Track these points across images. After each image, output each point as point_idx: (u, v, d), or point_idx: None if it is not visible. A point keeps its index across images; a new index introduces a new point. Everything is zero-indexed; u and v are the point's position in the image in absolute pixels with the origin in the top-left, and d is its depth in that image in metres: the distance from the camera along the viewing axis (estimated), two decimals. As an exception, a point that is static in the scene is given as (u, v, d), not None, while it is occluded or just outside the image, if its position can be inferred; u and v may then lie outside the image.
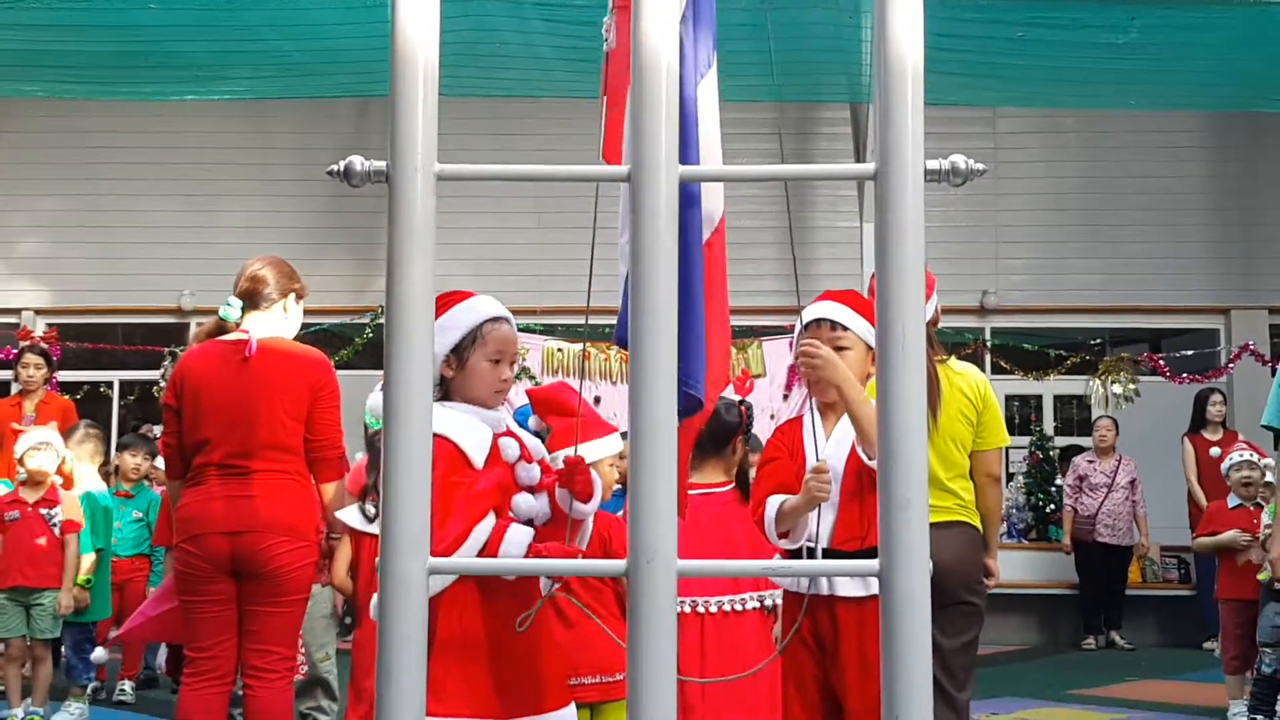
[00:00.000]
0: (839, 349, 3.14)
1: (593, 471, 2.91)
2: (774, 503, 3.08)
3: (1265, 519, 5.94)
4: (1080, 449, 10.57)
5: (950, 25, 8.81)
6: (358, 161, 1.45)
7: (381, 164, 1.43)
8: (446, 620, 2.81)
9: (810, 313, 3.21)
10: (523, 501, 2.87)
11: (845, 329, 3.17)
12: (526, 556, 2.79)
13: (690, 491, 3.94)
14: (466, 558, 2.70)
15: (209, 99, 11.57)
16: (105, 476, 7.14)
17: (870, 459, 2.94)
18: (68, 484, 6.18)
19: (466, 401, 3.00)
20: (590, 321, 10.63)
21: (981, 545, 3.91)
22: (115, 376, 11.89)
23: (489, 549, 2.77)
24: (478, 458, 2.89)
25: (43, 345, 7.94)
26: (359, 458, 4.63)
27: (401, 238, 1.41)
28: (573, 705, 3.04)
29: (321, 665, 5.57)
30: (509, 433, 3.05)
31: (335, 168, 1.45)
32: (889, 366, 1.36)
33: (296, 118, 11.64)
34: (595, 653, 3.63)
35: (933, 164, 1.41)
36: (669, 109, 1.41)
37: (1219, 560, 6.43)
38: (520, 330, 12.08)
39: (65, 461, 6.02)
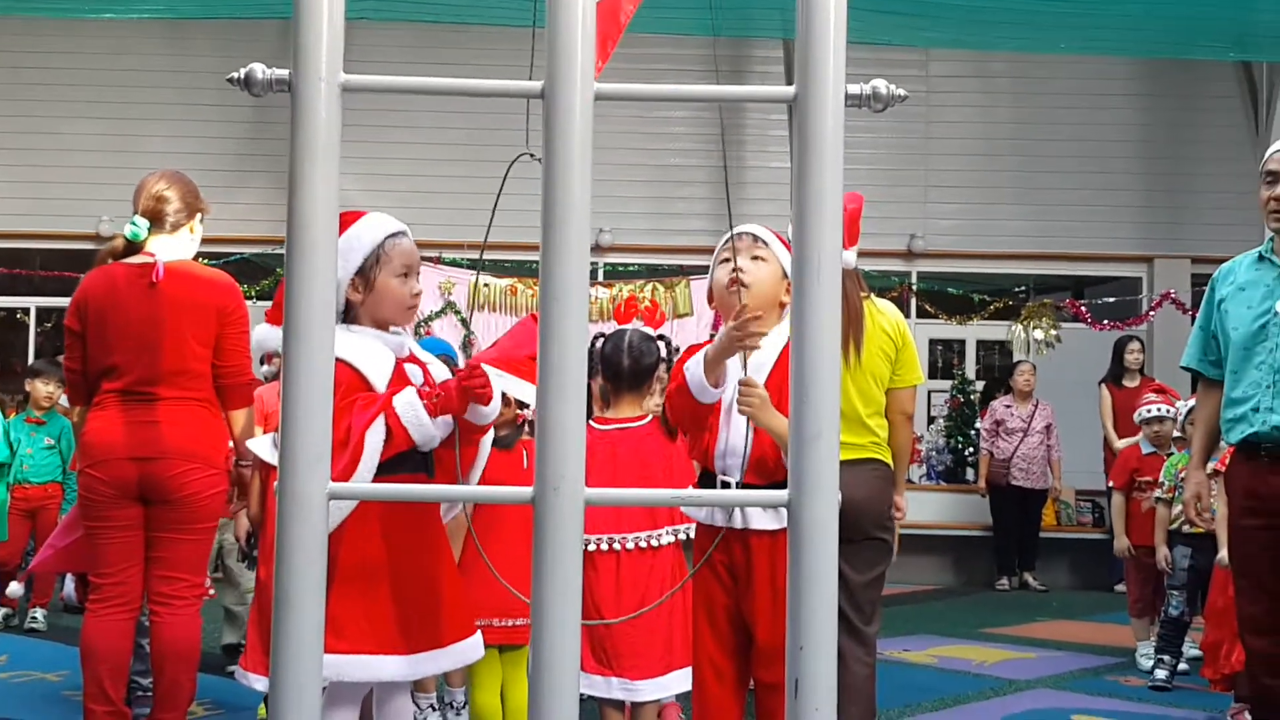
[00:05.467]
0: (756, 258, 3.16)
1: (496, 378, 2.82)
2: (698, 356, 3.03)
3: (1162, 477, 6.06)
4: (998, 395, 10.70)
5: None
6: (259, 69, 1.39)
7: (284, 72, 1.37)
8: (348, 552, 2.73)
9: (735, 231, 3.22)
10: (422, 435, 2.79)
11: (765, 244, 3.19)
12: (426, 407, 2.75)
13: (606, 426, 3.89)
14: (364, 482, 2.65)
15: (128, 18, 11.24)
16: (18, 404, 7.00)
17: None
18: None
19: (375, 324, 2.92)
20: (519, 258, 10.53)
21: (892, 483, 3.98)
22: (31, 303, 11.64)
23: (393, 436, 2.72)
24: (379, 383, 2.82)
25: None
26: (261, 389, 4.52)
27: (303, 149, 1.35)
28: (478, 635, 2.98)
29: (248, 598, 5.52)
30: (413, 358, 2.98)
31: (235, 75, 1.39)
32: (804, 294, 1.33)
33: (218, 38, 11.36)
34: (501, 594, 3.54)
35: (854, 88, 1.38)
36: (585, 24, 1.37)
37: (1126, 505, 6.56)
38: (447, 264, 11.74)
39: None
